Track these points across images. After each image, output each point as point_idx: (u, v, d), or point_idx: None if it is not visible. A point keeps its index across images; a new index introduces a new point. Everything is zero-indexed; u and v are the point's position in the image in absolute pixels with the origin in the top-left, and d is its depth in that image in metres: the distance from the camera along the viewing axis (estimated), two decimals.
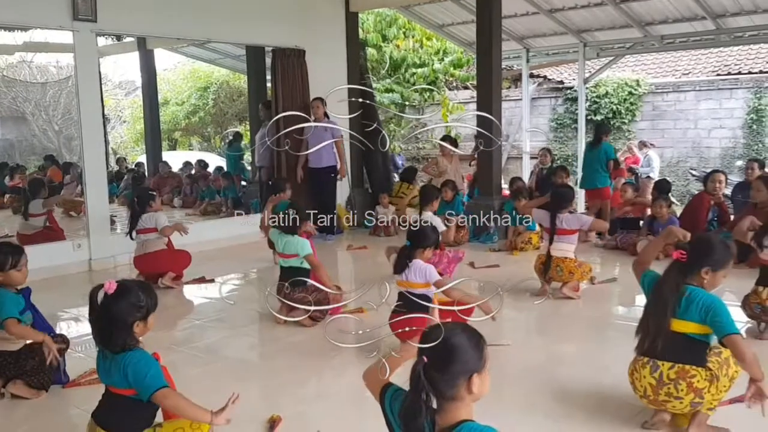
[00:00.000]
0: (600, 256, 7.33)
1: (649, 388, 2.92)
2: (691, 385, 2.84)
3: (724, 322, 2.78)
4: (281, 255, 4.93)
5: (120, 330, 2.54)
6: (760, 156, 12.72)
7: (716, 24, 9.40)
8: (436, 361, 1.77)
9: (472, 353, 1.80)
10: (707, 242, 3.03)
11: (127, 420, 2.60)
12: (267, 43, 9.15)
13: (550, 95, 16.56)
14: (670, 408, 2.93)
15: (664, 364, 2.89)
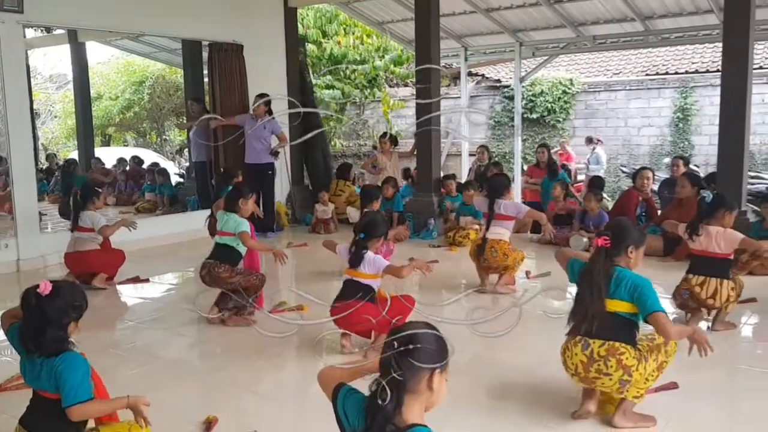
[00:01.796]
0: (534, 250, 7.53)
1: (580, 365, 3.03)
2: (620, 362, 2.95)
3: (650, 301, 2.94)
4: (219, 232, 4.84)
5: (54, 331, 2.47)
6: (686, 153, 13.31)
7: (645, 25, 9.76)
8: (404, 348, 1.81)
9: (439, 347, 1.86)
10: (624, 225, 3.25)
11: (57, 424, 2.53)
12: (203, 38, 8.99)
13: (488, 93, 16.86)
14: (599, 385, 3.02)
15: (595, 342, 3.01)
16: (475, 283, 5.77)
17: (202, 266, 4.77)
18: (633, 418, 3.13)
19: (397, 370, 1.80)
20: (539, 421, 3.23)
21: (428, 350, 1.83)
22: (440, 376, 1.85)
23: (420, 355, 1.81)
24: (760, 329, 4.82)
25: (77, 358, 2.51)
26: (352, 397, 1.98)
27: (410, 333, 1.84)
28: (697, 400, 3.46)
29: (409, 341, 1.82)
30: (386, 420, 1.79)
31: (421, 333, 1.86)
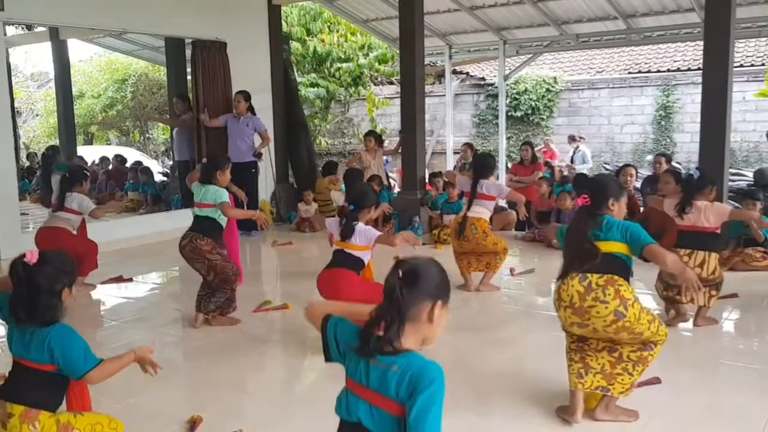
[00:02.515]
0: (518, 248, 7.56)
1: (576, 295, 3.00)
2: (618, 292, 2.94)
3: (643, 236, 2.99)
4: (197, 204, 4.74)
5: (48, 299, 2.43)
6: (668, 150, 13.43)
7: (627, 24, 9.83)
8: (409, 276, 1.82)
9: (442, 281, 1.89)
10: (602, 180, 3.31)
11: (43, 394, 2.48)
12: (186, 35, 8.93)
13: (472, 91, 16.91)
14: (594, 315, 2.96)
15: (593, 275, 3.00)
16: (459, 282, 5.79)
17: (183, 236, 4.67)
18: (615, 411, 3.16)
19: (401, 297, 1.80)
20: (524, 417, 3.25)
21: (432, 281, 1.85)
22: (441, 310, 1.86)
23: (424, 284, 1.83)
24: (742, 325, 4.88)
25: (69, 328, 2.47)
26: (344, 324, 1.99)
27: (416, 263, 1.86)
28: (679, 395, 3.49)
29: (414, 271, 1.84)
30: (387, 342, 1.79)
31: (426, 265, 1.88)
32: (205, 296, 4.72)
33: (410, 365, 1.78)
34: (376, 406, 1.81)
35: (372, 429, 1.81)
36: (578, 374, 3.10)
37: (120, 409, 3.43)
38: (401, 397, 1.76)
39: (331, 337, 1.98)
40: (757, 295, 5.40)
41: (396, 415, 1.78)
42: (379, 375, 1.80)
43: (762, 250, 6.19)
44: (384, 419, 1.80)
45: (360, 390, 1.84)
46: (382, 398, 1.79)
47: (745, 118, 13.73)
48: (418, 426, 1.71)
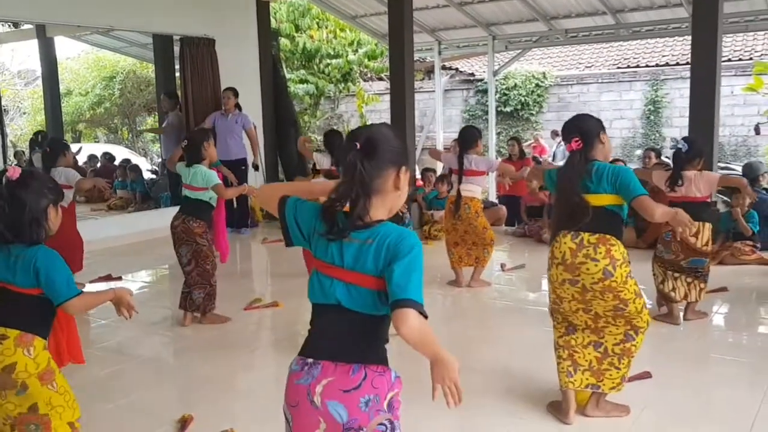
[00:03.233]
0: (509, 243, 7.58)
1: (569, 251, 3.00)
2: (609, 251, 2.95)
3: (633, 187, 2.96)
4: (187, 186, 4.65)
5: (34, 215, 2.37)
6: (657, 145, 13.48)
7: (616, 19, 9.85)
8: (367, 146, 1.74)
9: (399, 145, 1.81)
10: (585, 119, 3.17)
11: (33, 320, 2.42)
12: (174, 32, 8.87)
13: (462, 87, 16.92)
14: (584, 271, 2.95)
15: (585, 233, 2.99)
16: (450, 277, 5.79)
17: (175, 217, 4.64)
18: (606, 407, 3.16)
19: (363, 171, 1.72)
20: (513, 413, 3.26)
21: (392, 147, 1.77)
22: (405, 175, 1.80)
23: (385, 152, 1.75)
24: (731, 318, 4.91)
25: (54, 252, 2.41)
26: (304, 205, 1.87)
27: (371, 131, 1.77)
28: (670, 389, 3.51)
29: (372, 139, 1.75)
30: (357, 219, 1.72)
31: (382, 131, 1.79)
32: (188, 293, 4.70)
33: (386, 236, 1.71)
34: (354, 284, 1.73)
35: (352, 308, 1.74)
36: (568, 373, 3.10)
37: (111, 409, 3.42)
38: (380, 269, 1.69)
39: (291, 220, 1.85)
40: (746, 289, 5.45)
41: (375, 290, 1.72)
42: (354, 252, 1.72)
43: (750, 244, 6.24)
44: (363, 295, 1.73)
45: (333, 271, 1.75)
46: (358, 275, 1.72)
47: (734, 112, 13.81)
48: (401, 291, 1.63)
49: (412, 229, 8.06)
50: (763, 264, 6.12)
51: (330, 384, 1.73)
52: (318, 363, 1.76)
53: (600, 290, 2.96)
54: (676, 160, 4.57)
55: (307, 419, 1.75)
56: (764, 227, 6.53)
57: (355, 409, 1.72)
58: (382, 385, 1.75)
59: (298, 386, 1.77)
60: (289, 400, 1.80)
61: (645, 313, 3.06)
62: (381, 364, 1.77)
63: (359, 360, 1.75)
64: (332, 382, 1.73)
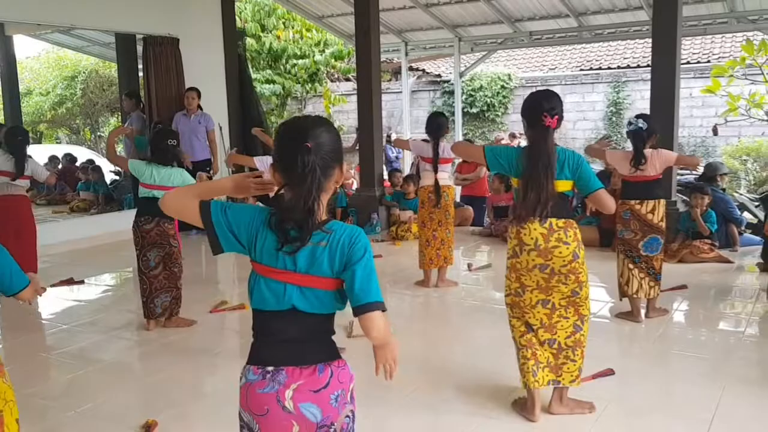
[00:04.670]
0: (475, 243, 7.64)
1: (541, 237, 3.02)
2: (576, 234, 3.04)
3: (593, 180, 3.05)
4: (154, 186, 4.50)
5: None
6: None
7: (578, 21, 10.01)
8: (317, 146, 1.70)
9: (339, 139, 1.79)
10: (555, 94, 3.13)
11: None
12: (137, 31, 8.74)
13: (429, 88, 16.98)
14: (556, 255, 3.01)
15: (552, 218, 3.02)
16: (418, 277, 5.82)
17: (144, 220, 4.51)
18: (570, 404, 3.21)
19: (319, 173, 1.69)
20: (481, 411, 3.28)
21: (336, 145, 1.75)
22: (343, 166, 1.80)
23: (332, 151, 1.73)
24: (691, 315, 5.02)
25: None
26: (237, 208, 1.77)
27: (316, 131, 1.71)
28: (632, 385, 3.58)
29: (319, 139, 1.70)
30: (315, 224, 1.68)
31: (324, 128, 1.74)
32: (148, 302, 4.60)
33: (338, 237, 1.71)
34: (309, 287, 1.71)
35: (307, 310, 1.73)
36: (533, 372, 3.12)
37: (73, 416, 3.35)
38: (335, 271, 1.70)
39: (222, 226, 1.75)
40: (705, 286, 5.58)
41: (330, 290, 1.72)
42: (307, 256, 1.70)
43: (709, 243, 6.39)
44: (319, 298, 1.73)
45: (285, 276, 1.71)
46: (314, 278, 1.71)
47: (692, 113, 14.11)
48: (365, 295, 1.67)
49: (379, 230, 8.10)
50: (721, 262, 6.28)
51: (300, 387, 1.73)
52: (280, 369, 1.74)
53: (566, 272, 3.05)
54: (638, 139, 4.58)
55: (279, 425, 1.74)
56: (722, 226, 6.71)
57: (327, 406, 1.74)
58: (345, 378, 1.78)
59: (264, 395, 1.74)
60: (253, 409, 1.76)
61: (589, 300, 3.17)
62: (339, 359, 1.79)
63: (321, 359, 1.75)
64: (302, 385, 1.73)
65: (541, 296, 3.12)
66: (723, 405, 3.28)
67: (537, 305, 3.13)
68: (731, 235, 6.82)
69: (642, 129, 4.56)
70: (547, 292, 3.10)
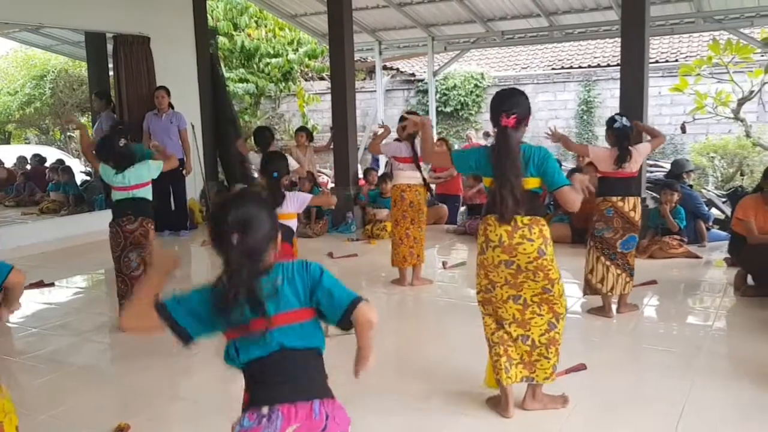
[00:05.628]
0: (449, 241, 7.69)
1: (505, 234, 3.03)
2: (542, 231, 3.04)
3: (557, 175, 3.05)
4: (132, 187, 4.47)
5: None
6: (590, 143, 13.89)
7: (549, 21, 10.11)
8: (245, 235, 1.73)
9: (270, 217, 1.82)
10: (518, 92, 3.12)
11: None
12: (107, 29, 8.63)
13: (403, 87, 17.03)
14: (521, 251, 3.01)
15: (516, 217, 3.02)
16: (393, 276, 5.83)
17: (125, 221, 4.44)
18: (543, 400, 3.25)
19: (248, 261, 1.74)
20: (456, 408, 3.31)
21: (266, 227, 1.78)
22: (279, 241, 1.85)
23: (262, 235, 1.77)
24: (661, 310, 5.11)
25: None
26: (189, 297, 1.83)
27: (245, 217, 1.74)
28: (604, 379, 3.63)
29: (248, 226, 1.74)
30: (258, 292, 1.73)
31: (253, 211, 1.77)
32: (125, 301, 4.56)
33: (289, 269, 1.78)
34: (287, 324, 1.75)
35: (295, 345, 1.76)
36: (505, 369, 3.15)
37: (44, 420, 3.31)
38: (302, 300, 1.76)
39: (183, 319, 1.82)
40: (675, 281, 5.68)
41: (308, 320, 1.78)
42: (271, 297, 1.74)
43: (678, 239, 6.51)
44: (302, 329, 1.77)
45: (260, 324, 1.74)
46: (287, 315, 1.75)
47: (661, 111, 14.35)
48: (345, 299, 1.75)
49: (354, 229, 8.10)
50: (690, 257, 6.41)
51: (298, 430, 1.73)
52: (275, 409, 1.73)
53: (533, 269, 3.05)
54: (623, 137, 4.64)
55: None
56: (690, 222, 6.84)
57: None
58: (342, 420, 1.80)
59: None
60: None
61: (564, 297, 3.17)
62: (333, 397, 1.81)
63: (315, 395, 1.77)
64: (300, 428, 1.73)
65: (511, 291, 3.14)
66: (692, 397, 3.35)
67: (508, 300, 3.15)
68: (699, 231, 6.96)
69: (627, 127, 4.67)
70: (517, 287, 3.12)
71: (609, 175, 4.69)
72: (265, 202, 1.85)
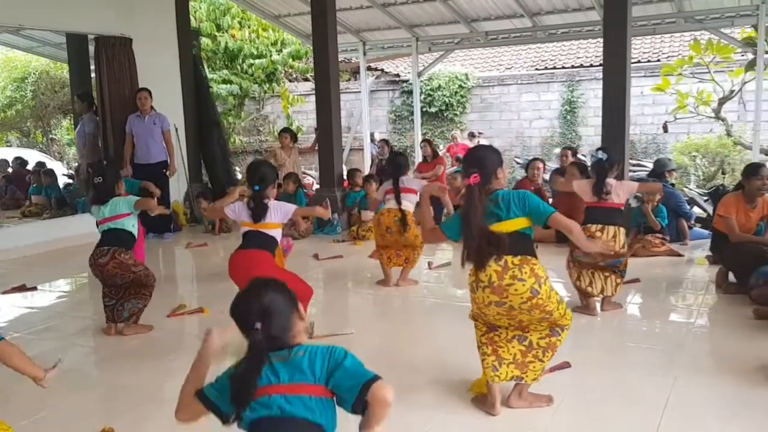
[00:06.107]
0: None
1: (495, 274, 3.03)
2: (533, 270, 3.03)
3: (543, 206, 3.10)
4: (107, 220, 4.47)
5: None
6: (574, 144, 13.99)
7: (533, 21, 10.16)
8: (268, 324, 1.87)
9: (290, 299, 1.94)
10: (484, 153, 3.22)
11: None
12: (89, 31, 8.56)
13: (387, 88, 17.03)
14: (512, 293, 3.00)
15: (507, 256, 3.03)
16: (379, 277, 5.84)
17: (99, 253, 4.42)
18: (528, 398, 3.27)
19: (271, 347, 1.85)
20: (443, 407, 3.32)
21: (288, 310, 1.91)
22: (300, 310, 1.95)
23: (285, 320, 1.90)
24: (644, 308, 5.15)
25: None
26: (218, 385, 1.98)
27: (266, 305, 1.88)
28: (589, 377, 3.65)
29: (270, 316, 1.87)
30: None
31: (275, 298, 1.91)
32: (115, 305, 4.52)
33: (314, 349, 1.86)
34: (294, 395, 1.83)
35: (296, 414, 1.82)
36: (493, 367, 3.17)
37: (26, 425, 3.28)
38: (319, 377, 1.82)
39: (222, 403, 1.96)
40: (658, 279, 5.74)
41: (316, 396, 1.82)
42: (287, 367, 1.84)
43: (660, 237, 6.57)
44: (305, 403, 1.83)
45: (269, 389, 1.85)
46: (297, 386, 1.83)
47: (644, 111, 14.47)
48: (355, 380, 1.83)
49: (340, 231, 8.10)
50: (672, 255, 6.47)
51: None
52: None
53: (528, 308, 3.04)
54: (600, 171, 4.77)
55: None
56: (672, 221, 6.91)
57: None
58: None
59: None
60: None
61: (568, 313, 3.18)
62: None
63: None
64: None
65: (507, 319, 3.15)
66: (675, 394, 3.38)
67: (502, 318, 3.16)
68: (681, 230, 7.03)
69: (603, 160, 4.77)
70: (512, 318, 3.13)
71: (592, 205, 4.78)
72: (283, 286, 1.96)
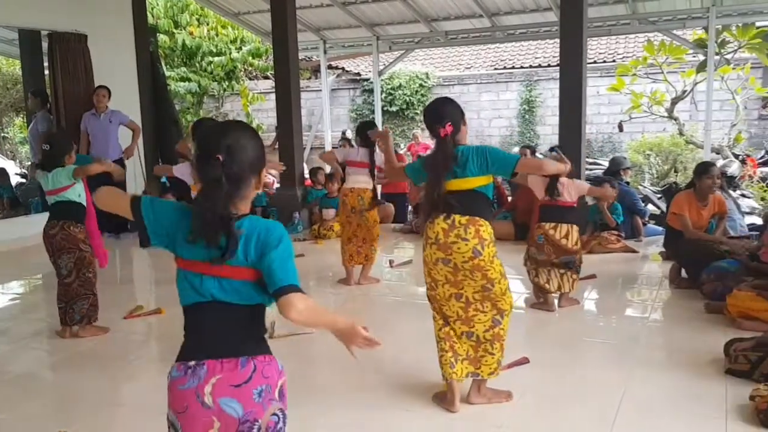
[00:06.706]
0: (396, 240, 7.74)
1: (441, 232, 3.11)
2: (478, 232, 3.08)
3: (507, 157, 3.15)
4: (52, 192, 4.35)
5: None
6: (532, 143, 14.19)
7: (492, 22, 10.28)
8: (230, 159, 1.71)
9: (258, 148, 1.79)
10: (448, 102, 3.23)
11: None
12: (42, 27, 8.33)
13: (348, 86, 17.03)
14: (455, 251, 3.08)
15: (456, 215, 3.10)
16: (340, 275, 5.84)
17: (49, 225, 4.32)
18: (487, 394, 3.31)
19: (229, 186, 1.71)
20: (402, 405, 3.34)
21: (253, 155, 1.76)
22: (264, 176, 1.82)
23: (247, 163, 1.74)
24: (600, 303, 5.27)
25: None
26: (161, 205, 1.83)
27: (231, 141, 1.72)
28: (547, 372, 3.72)
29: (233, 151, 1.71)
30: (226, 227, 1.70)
31: (241, 139, 1.74)
32: (65, 308, 4.42)
33: (254, 227, 1.73)
34: (225, 278, 1.73)
35: (226, 300, 1.74)
36: (450, 364, 3.20)
37: None
38: (251, 260, 1.71)
39: (151, 219, 1.80)
40: (613, 275, 5.86)
41: (248, 280, 1.73)
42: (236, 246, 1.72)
43: (615, 234, 6.72)
44: (236, 288, 1.74)
45: (203, 267, 1.74)
46: (228, 268, 1.72)
47: (600, 111, 14.77)
48: (280, 280, 1.67)
49: (301, 229, 8.07)
50: (627, 251, 6.62)
51: (219, 381, 1.71)
52: (202, 364, 1.74)
53: (470, 269, 3.10)
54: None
55: (199, 422, 1.72)
56: (627, 218, 7.07)
57: (249, 401, 1.72)
58: (271, 373, 1.77)
59: (184, 391, 1.73)
60: (174, 407, 1.76)
61: (508, 295, 3.23)
62: (266, 354, 1.79)
63: (244, 353, 1.75)
64: (221, 379, 1.71)
65: (453, 290, 3.19)
66: (630, 387, 3.46)
67: (451, 299, 3.21)
68: (636, 226, 7.20)
69: (557, 158, 4.81)
70: (458, 285, 3.18)
71: (545, 203, 4.87)
72: (255, 132, 1.83)
